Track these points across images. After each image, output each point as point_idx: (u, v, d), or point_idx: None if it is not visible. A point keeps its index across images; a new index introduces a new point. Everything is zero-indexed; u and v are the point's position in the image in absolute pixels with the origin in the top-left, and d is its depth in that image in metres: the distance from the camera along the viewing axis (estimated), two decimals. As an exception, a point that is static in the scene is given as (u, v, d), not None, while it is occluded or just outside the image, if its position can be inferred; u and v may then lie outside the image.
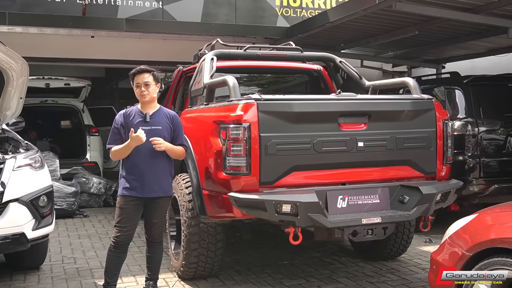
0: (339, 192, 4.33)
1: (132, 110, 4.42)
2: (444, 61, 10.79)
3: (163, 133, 4.33)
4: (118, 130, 4.34)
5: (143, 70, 4.36)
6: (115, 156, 4.37)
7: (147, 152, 4.25)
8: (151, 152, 4.26)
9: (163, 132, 4.34)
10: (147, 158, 4.28)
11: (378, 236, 4.34)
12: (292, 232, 4.11)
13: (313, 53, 6.26)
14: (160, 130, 4.33)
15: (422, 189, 4.38)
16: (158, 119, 4.37)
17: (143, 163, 4.29)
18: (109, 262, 4.43)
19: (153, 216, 4.46)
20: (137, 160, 4.28)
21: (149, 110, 4.38)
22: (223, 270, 5.32)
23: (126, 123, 4.32)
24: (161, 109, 4.48)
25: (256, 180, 4.15)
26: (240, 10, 10.20)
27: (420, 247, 6.34)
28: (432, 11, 6.82)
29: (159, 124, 4.35)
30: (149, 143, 4.22)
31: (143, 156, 4.26)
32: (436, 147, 4.67)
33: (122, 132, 4.32)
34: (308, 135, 4.28)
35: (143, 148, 4.23)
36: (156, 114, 4.40)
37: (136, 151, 4.24)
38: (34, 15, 8.65)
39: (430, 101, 4.71)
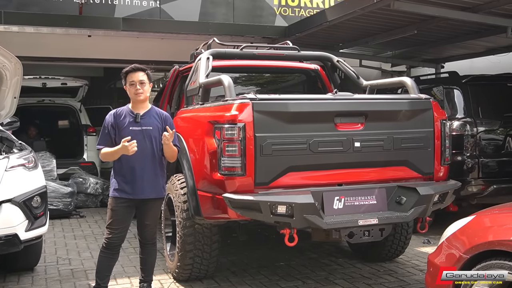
0: (335, 193, 4.27)
1: (123, 110, 4.34)
2: (443, 61, 10.75)
3: (154, 134, 4.27)
4: (108, 131, 4.27)
5: (138, 68, 4.29)
6: (105, 158, 4.31)
7: (139, 153, 4.16)
8: (143, 153, 4.20)
9: (154, 132, 4.28)
10: (139, 159, 4.20)
11: (375, 237, 4.29)
12: (288, 234, 4.05)
13: (310, 53, 6.21)
14: (151, 131, 4.27)
15: (420, 190, 4.32)
16: (149, 120, 4.30)
17: (135, 164, 4.21)
18: (101, 263, 4.39)
19: (145, 218, 4.39)
20: (129, 161, 4.20)
21: (140, 110, 4.31)
22: (219, 271, 5.27)
23: (116, 123, 4.26)
24: (153, 109, 4.41)
25: (251, 180, 4.09)
26: (238, 9, 10.18)
27: (418, 248, 6.28)
28: (430, 10, 6.78)
29: (149, 124, 4.28)
30: (140, 143, 4.15)
31: (135, 157, 4.17)
32: (434, 148, 4.61)
33: (112, 133, 4.25)
34: (304, 135, 4.22)
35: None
36: (147, 114, 4.32)
37: None
38: (30, 14, 8.62)
39: (427, 101, 4.65)
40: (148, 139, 4.25)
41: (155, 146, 4.28)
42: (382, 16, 7.44)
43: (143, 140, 4.22)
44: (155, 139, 4.25)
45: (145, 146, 4.23)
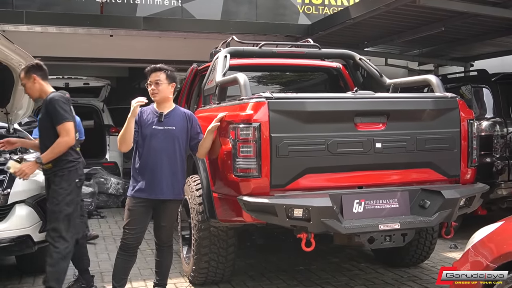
0: (355, 196, 4.08)
1: (148, 108, 4.31)
2: (473, 59, 10.42)
3: (177, 134, 4.23)
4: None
5: (156, 68, 4.27)
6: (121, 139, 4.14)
7: (159, 152, 4.15)
8: (163, 152, 4.16)
9: (177, 132, 4.23)
10: (159, 158, 4.16)
11: (397, 243, 4.09)
12: (305, 238, 3.89)
13: (332, 50, 6.00)
14: (174, 131, 4.22)
15: (445, 194, 4.11)
16: (173, 119, 4.26)
17: (156, 163, 4.16)
18: (117, 266, 4.32)
19: (161, 219, 4.32)
20: (148, 159, 4.16)
21: (164, 110, 4.28)
22: (235, 275, 5.13)
23: (140, 121, 4.23)
24: (177, 108, 4.37)
25: (266, 183, 3.94)
26: (261, 7, 10.07)
27: (445, 253, 6.05)
28: (458, 5, 6.53)
29: (173, 124, 4.24)
30: (162, 142, 4.14)
31: (154, 156, 4.15)
32: (460, 149, 4.39)
33: (136, 128, 4.19)
34: (322, 136, 4.05)
35: (155, 147, 4.14)
36: (171, 114, 4.29)
37: (148, 150, 4.15)
38: (51, 14, 8.66)
39: (453, 100, 4.43)
40: (170, 139, 4.20)
41: (177, 146, 4.23)
42: (408, 13, 7.21)
43: (164, 139, 4.18)
44: (177, 139, 4.21)
45: (166, 145, 4.19)
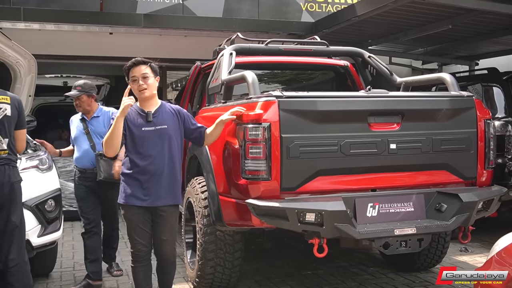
0: (369, 199, 3.92)
1: (131, 110, 3.82)
2: (478, 58, 10.24)
3: (170, 132, 3.83)
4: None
5: (139, 62, 3.83)
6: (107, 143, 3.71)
7: (153, 153, 3.76)
8: (160, 155, 3.79)
9: (170, 131, 3.83)
10: (156, 162, 3.78)
11: (413, 248, 3.93)
12: (317, 244, 3.71)
13: (340, 48, 5.82)
14: (167, 129, 3.82)
15: (462, 197, 3.95)
16: (162, 117, 3.84)
17: (152, 166, 3.77)
18: (137, 279, 3.95)
19: (162, 232, 3.89)
20: (144, 163, 3.77)
21: (150, 108, 3.85)
22: (242, 280, 4.96)
23: (126, 123, 3.78)
24: (164, 105, 3.93)
25: (276, 185, 3.77)
26: (263, 5, 9.94)
27: (455, 256, 5.88)
28: (468, 2, 6.38)
29: (164, 122, 3.83)
30: (155, 144, 3.77)
31: (149, 160, 3.77)
32: (477, 150, 4.22)
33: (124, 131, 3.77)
34: (335, 136, 3.88)
35: (148, 151, 3.76)
36: (159, 112, 3.86)
37: (140, 154, 3.77)
38: (50, 10, 8.48)
39: (470, 99, 4.26)
40: (163, 139, 3.81)
41: (173, 146, 3.84)
42: (415, 10, 7.04)
43: (158, 140, 3.80)
44: (171, 138, 3.83)
45: (161, 147, 3.79)
